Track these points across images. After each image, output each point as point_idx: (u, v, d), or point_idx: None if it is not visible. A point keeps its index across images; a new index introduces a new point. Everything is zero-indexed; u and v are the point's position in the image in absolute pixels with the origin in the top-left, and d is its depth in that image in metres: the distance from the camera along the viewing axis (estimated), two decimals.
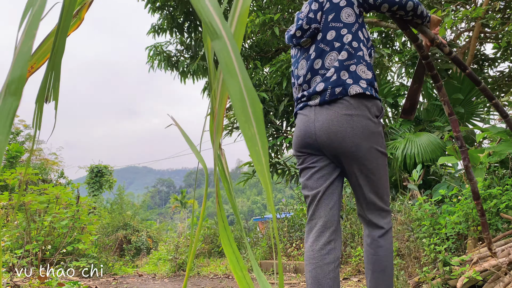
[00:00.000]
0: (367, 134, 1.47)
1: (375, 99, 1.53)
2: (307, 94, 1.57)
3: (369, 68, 1.54)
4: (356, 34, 1.54)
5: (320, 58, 1.56)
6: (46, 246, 4.59)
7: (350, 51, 1.51)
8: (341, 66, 1.50)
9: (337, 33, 1.53)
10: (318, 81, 1.55)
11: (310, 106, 1.55)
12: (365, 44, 1.57)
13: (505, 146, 3.60)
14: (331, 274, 1.48)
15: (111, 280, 4.73)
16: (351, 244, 4.65)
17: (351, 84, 1.48)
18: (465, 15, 4.78)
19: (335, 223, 1.57)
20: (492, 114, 6.88)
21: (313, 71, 1.57)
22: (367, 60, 1.55)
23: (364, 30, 1.60)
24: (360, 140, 1.46)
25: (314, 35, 1.59)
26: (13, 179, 5.84)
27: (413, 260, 3.49)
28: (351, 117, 1.46)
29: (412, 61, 5.58)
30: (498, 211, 3.17)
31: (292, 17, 6.59)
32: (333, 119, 1.47)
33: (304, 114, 1.57)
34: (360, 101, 1.48)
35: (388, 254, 1.55)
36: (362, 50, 1.53)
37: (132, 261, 8.94)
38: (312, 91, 1.54)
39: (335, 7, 1.55)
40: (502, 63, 7.06)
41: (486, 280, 2.61)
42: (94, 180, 14.98)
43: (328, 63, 1.54)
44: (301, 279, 4.23)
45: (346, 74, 1.50)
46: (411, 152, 5.03)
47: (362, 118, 1.47)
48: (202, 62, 8.54)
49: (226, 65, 0.37)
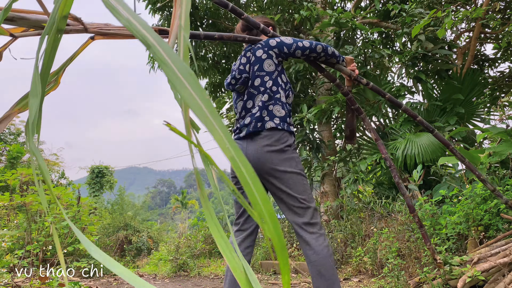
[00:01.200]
0: (280, 160, 1.88)
1: (286, 131, 1.94)
2: (239, 126, 2.00)
3: (283, 107, 1.96)
4: (275, 80, 1.96)
5: (251, 99, 1.98)
6: (47, 247, 4.59)
7: (270, 94, 1.94)
8: (263, 106, 1.93)
9: (261, 80, 1.95)
10: (247, 116, 1.98)
11: (241, 137, 1.97)
12: (283, 87, 1.99)
13: (505, 147, 3.60)
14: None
15: (111, 281, 4.73)
16: (351, 244, 4.65)
17: (268, 121, 1.91)
18: (465, 15, 4.78)
19: (255, 234, 2.03)
20: (492, 115, 6.88)
21: (246, 109, 2.00)
22: (283, 101, 1.97)
23: (283, 75, 2.01)
24: (275, 165, 1.87)
25: (246, 82, 2.00)
26: (14, 180, 5.85)
27: (413, 260, 3.49)
28: (269, 147, 1.88)
29: (413, 61, 5.58)
30: (498, 211, 3.17)
31: (293, 18, 6.59)
32: (258, 149, 1.89)
33: (239, 143, 1.98)
34: (274, 133, 1.90)
35: (320, 259, 1.79)
36: (279, 93, 1.96)
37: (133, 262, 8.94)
38: (242, 123, 1.98)
39: (258, 60, 1.96)
40: (502, 64, 7.05)
41: (486, 280, 2.61)
42: (95, 181, 14.98)
43: (256, 103, 1.96)
44: (302, 279, 4.23)
45: (266, 112, 1.92)
46: (411, 152, 5.03)
47: (277, 148, 1.88)
48: (203, 63, 8.55)
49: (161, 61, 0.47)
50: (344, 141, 6.67)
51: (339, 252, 4.69)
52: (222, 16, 8.58)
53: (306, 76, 6.45)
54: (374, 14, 6.88)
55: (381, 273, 3.63)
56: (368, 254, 4.01)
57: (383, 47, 6.60)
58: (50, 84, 0.83)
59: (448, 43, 5.74)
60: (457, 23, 4.88)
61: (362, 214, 5.02)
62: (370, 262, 3.99)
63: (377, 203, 4.91)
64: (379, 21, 6.66)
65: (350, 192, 5.27)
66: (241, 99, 2.04)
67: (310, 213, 1.88)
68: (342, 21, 5.61)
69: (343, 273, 4.36)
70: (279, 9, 7.42)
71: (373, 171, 6.05)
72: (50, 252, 4.63)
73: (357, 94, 5.97)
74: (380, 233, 4.01)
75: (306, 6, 6.18)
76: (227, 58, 8.53)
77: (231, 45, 8.49)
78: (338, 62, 2.03)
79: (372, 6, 7.10)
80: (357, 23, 5.73)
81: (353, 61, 2.08)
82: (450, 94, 5.65)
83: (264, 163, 1.87)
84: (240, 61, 2.02)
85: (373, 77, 5.93)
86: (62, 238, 4.86)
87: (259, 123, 1.91)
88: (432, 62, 5.73)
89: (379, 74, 6.29)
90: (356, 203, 5.49)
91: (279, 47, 1.95)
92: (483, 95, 6.13)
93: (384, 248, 3.68)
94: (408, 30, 5.43)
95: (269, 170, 1.87)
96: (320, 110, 5.56)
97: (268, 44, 1.96)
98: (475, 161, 3.70)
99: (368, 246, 4.06)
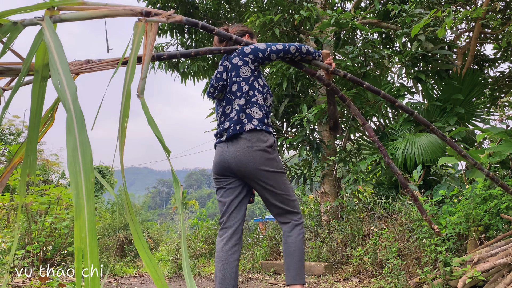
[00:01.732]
0: (263, 161, 1.99)
1: (265, 131, 2.04)
2: (219, 131, 2.11)
3: (260, 109, 2.06)
4: (252, 84, 2.06)
5: (229, 104, 2.09)
6: (47, 247, 4.59)
7: (247, 98, 2.04)
8: (240, 109, 2.03)
9: (238, 86, 2.06)
10: (226, 121, 2.08)
11: (222, 141, 2.08)
12: (260, 91, 2.09)
13: (505, 147, 3.60)
14: (234, 269, 2.01)
15: (112, 281, 4.74)
16: (351, 244, 4.65)
17: (246, 123, 2.01)
18: (465, 15, 4.78)
19: (240, 231, 2.11)
20: (492, 115, 6.88)
21: (225, 114, 2.11)
22: (260, 103, 2.07)
23: (260, 79, 2.12)
24: (258, 165, 1.98)
25: (223, 89, 2.13)
26: (14, 180, 5.85)
27: (413, 260, 3.49)
28: (251, 149, 1.98)
29: (413, 61, 5.58)
30: (498, 211, 3.17)
31: (293, 18, 6.60)
32: (239, 151, 1.99)
33: (220, 147, 2.10)
34: (253, 134, 2.00)
35: (295, 242, 2.04)
36: (256, 96, 2.06)
37: (133, 262, 8.95)
38: (222, 128, 2.07)
39: (235, 66, 2.08)
40: (502, 64, 7.05)
41: (486, 280, 2.61)
42: (96, 181, 14.99)
43: (233, 108, 2.06)
44: None
45: (244, 115, 2.02)
46: (411, 152, 5.03)
47: (258, 149, 1.99)
48: (203, 63, 8.55)
49: (69, 128, 0.58)
50: (343, 140, 6.67)
51: (339, 252, 4.70)
52: (222, 16, 8.58)
53: (306, 76, 6.45)
54: (374, 14, 6.88)
55: (381, 273, 3.63)
56: (368, 254, 4.01)
57: (383, 47, 6.60)
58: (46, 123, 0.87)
59: (448, 43, 5.74)
60: (457, 23, 4.88)
61: (362, 214, 5.03)
62: (370, 262, 3.99)
63: (377, 203, 4.91)
64: (379, 21, 6.66)
65: (350, 192, 5.27)
66: (221, 105, 2.15)
67: (292, 205, 2.10)
68: (342, 21, 5.61)
69: (343, 273, 4.36)
70: (279, 9, 7.42)
71: (373, 171, 6.05)
72: (50, 253, 4.64)
73: (356, 94, 5.97)
74: (380, 233, 4.01)
75: (306, 7, 6.18)
76: None
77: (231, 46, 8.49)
78: (314, 58, 2.10)
79: (372, 7, 7.10)
80: (357, 23, 5.73)
81: (329, 54, 2.14)
82: (450, 94, 5.65)
83: (247, 164, 1.98)
84: (218, 70, 2.17)
85: (373, 77, 5.93)
86: (63, 238, 4.86)
87: (238, 125, 2.00)
88: (432, 62, 5.73)
89: (379, 74, 6.29)
90: (356, 203, 5.49)
91: (253, 53, 2.06)
92: (483, 95, 6.13)
93: (384, 248, 3.68)
94: (408, 30, 5.43)
95: (253, 170, 1.99)
96: (320, 110, 5.56)
97: (243, 51, 2.08)
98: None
99: (368, 246, 4.06)
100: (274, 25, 6.45)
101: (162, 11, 0.85)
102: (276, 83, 6.34)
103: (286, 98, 6.34)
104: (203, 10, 8.34)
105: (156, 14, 0.83)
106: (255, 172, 1.99)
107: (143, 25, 0.77)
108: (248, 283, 4.38)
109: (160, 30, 8.43)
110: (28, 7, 0.65)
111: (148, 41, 0.78)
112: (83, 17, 0.69)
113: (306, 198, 6.73)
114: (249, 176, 2.01)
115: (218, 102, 2.20)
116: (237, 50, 2.07)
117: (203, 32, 8.61)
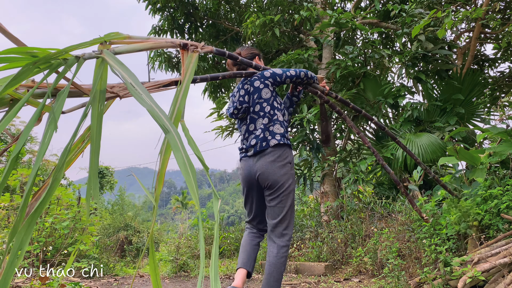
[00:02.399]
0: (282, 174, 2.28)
1: (287, 146, 2.36)
2: (245, 147, 2.39)
3: (281, 125, 2.37)
4: (272, 104, 2.37)
5: (253, 123, 2.38)
6: (47, 247, 4.59)
7: (269, 117, 2.35)
8: (265, 128, 2.33)
9: (260, 106, 2.36)
10: (251, 138, 2.37)
11: (248, 156, 2.38)
12: (279, 108, 2.41)
13: (505, 147, 3.60)
14: (255, 246, 2.44)
15: (112, 281, 4.74)
16: (351, 244, 4.65)
17: (271, 139, 2.31)
18: (465, 15, 4.78)
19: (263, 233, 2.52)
20: (492, 115, 6.88)
21: (249, 132, 2.40)
22: (280, 120, 2.38)
23: (278, 98, 2.44)
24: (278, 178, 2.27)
25: (246, 111, 2.41)
26: (14, 180, 5.85)
27: (414, 260, 3.49)
28: (274, 162, 2.28)
29: (413, 61, 5.58)
30: (499, 211, 3.17)
31: (293, 18, 6.59)
32: (264, 164, 2.29)
33: (246, 161, 2.40)
34: (278, 149, 2.30)
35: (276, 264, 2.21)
36: (276, 114, 2.37)
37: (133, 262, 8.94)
38: (248, 144, 2.37)
39: (257, 89, 2.36)
40: (503, 64, 7.06)
41: (487, 280, 2.61)
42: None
43: (257, 126, 2.36)
44: (302, 279, 4.23)
45: (268, 133, 2.33)
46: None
47: (280, 164, 2.29)
48: (203, 63, 8.55)
49: (175, 147, 0.67)
50: (344, 140, 6.66)
51: (340, 252, 4.69)
52: (222, 16, 8.58)
53: None
54: (374, 14, 6.88)
55: (382, 273, 3.63)
56: (369, 254, 4.01)
57: (383, 47, 6.60)
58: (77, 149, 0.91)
59: (448, 43, 5.74)
60: (457, 23, 4.88)
61: (362, 214, 5.02)
62: (371, 262, 3.99)
63: (377, 203, 4.91)
64: (379, 22, 6.66)
65: (350, 192, 5.27)
66: (244, 123, 2.44)
67: (285, 225, 2.30)
68: (342, 21, 5.61)
69: (344, 273, 4.36)
70: (279, 10, 7.42)
71: (373, 171, 6.05)
72: (51, 253, 4.63)
73: (357, 94, 5.97)
74: (380, 233, 4.01)
75: (306, 7, 6.18)
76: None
77: (231, 46, 8.50)
78: (314, 82, 2.49)
79: (372, 7, 7.10)
80: (357, 23, 5.73)
81: (323, 79, 2.58)
82: (450, 94, 5.64)
83: (268, 175, 2.28)
84: (239, 93, 2.41)
85: (373, 77, 5.93)
86: (63, 239, 4.86)
87: (264, 142, 2.31)
88: (432, 62, 5.73)
89: (379, 74, 6.29)
90: (356, 203, 5.48)
91: (273, 77, 2.37)
92: (483, 95, 6.13)
93: (384, 248, 3.68)
94: (408, 30, 5.43)
95: (272, 182, 2.28)
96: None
97: (263, 75, 2.37)
98: (475, 161, 3.70)
99: (369, 246, 4.06)
100: (274, 25, 6.45)
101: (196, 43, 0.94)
102: None
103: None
104: (203, 10, 8.34)
105: (191, 45, 0.93)
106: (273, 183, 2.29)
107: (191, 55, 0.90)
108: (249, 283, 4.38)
109: (161, 30, 8.43)
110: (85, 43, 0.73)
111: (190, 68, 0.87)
112: (133, 50, 0.78)
113: (306, 198, 6.72)
114: (266, 185, 2.32)
115: (241, 120, 2.49)
116: (258, 74, 2.37)
117: (203, 32, 8.61)
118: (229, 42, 8.53)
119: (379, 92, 5.74)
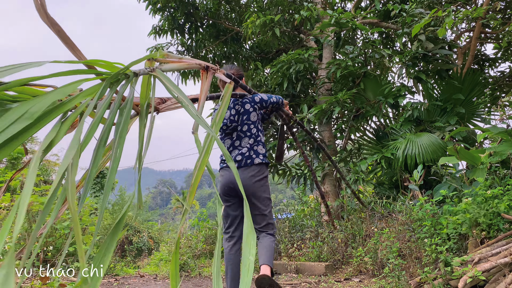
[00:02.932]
0: (260, 187, 2.66)
1: (266, 164, 2.74)
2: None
3: (263, 146, 2.77)
4: (257, 127, 2.76)
5: (239, 140, 2.73)
6: (48, 247, 4.60)
7: (254, 138, 2.72)
8: (250, 147, 2.70)
9: (248, 127, 2.72)
10: (236, 153, 2.70)
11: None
12: (262, 131, 2.81)
13: (506, 147, 3.60)
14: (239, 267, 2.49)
15: (112, 281, 4.74)
16: (352, 244, 4.65)
17: (255, 158, 2.69)
18: (465, 15, 4.78)
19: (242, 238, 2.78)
20: (493, 115, 6.88)
21: (233, 146, 2.74)
22: (262, 141, 2.78)
23: (261, 121, 2.83)
24: (256, 191, 2.65)
25: (235, 128, 2.74)
26: (15, 181, 5.86)
27: (414, 260, 3.49)
28: (254, 177, 2.65)
29: (413, 61, 5.58)
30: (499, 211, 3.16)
31: (293, 18, 6.59)
32: (244, 177, 2.65)
33: (228, 171, 2.73)
34: (260, 166, 2.69)
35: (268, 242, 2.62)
36: (260, 136, 2.76)
37: (134, 262, 8.95)
38: (233, 159, 2.63)
39: (247, 111, 2.73)
40: (503, 63, 7.06)
41: (487, 280, 2.60)
42: (96, 181, 14.99)
43: (243, 144, 2.71)
44: (303, 279, 4.23)
45: (252, 152, 2.69)
46: (412, 152, 5.03)
47: (258, 178, 2.67)
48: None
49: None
50: (344, 140, 6.66)
51: (340, 252, 4.69)
52: (222, 16, 8.58)
53: (306, 77, 6.45)
54: (374, 14, 6.87)
55: (382, 273, 3.63)
56: (369, 254, 4.00)
57: (383, 47, 6.59)
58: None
59: (448, 43, 5.73)
60: (457, 23, 4.88)
61: (362, 214, 5.02)
62: (371, 262, 3.99)
63: (378, 203, 4.91)
64: (379, 21, 6.65)
65: (349, 193, 5.27)
66: (229, 138, 2.77)
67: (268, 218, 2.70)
68: (343, 21, 5.61)
69: (344, 273, 4.36)
70: (279, 9, 7.42)
71: (373, 171, 6.04)
72: (51, 253, 4.64)
73: (357, 94, 5.97)
74: (380, 233, 4.01)
75: (306, 7, 6.17)
76: (227, 58, 8.53)
77: (231, 46, 8.49)
78: (282, 106, 2.92)
79: (372, 6, 7.10)
80: (357, 23, 5.73)
81: (287, 104, 3.04)
82: (450, 94, 5.64)
83: (248, 187, 2.64)
84: (230, 112, 2.74)
85: (373, 77, 5.93)
86: (63, 239, 4.86)
87: (249, 160, 2.67)
88: (433, 62, 5.73)
89: (379, 74, 6.29)
90: (356, 203, 5.48)
91: (260, 102, 2.76)
92: (484, 95, 6.13)
93: (384, 248, 3.68)
94: (408, 30, 5.42)
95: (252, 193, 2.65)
96: (321, 110, 5.56)
97: (254, 100, 2.74)
98: (475, 161, 3.70)
99: (369, 246, 4.06)
100: (275, 25, 6.44)
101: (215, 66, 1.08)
102: (276, 83, 6.34)
103: (286, 98, 6.33)
104: (203, 10, 8.34)
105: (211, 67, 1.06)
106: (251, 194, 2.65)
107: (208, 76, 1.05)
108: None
109: (161, 30, 8.43)
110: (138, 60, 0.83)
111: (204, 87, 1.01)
112: (172, 69, 0.92)
113: (307, 198, 6.72)
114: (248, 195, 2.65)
115: (225, 135, 2.79)
116: (249, 97, 2.74)
117: (204, 32, 8.61)
118: (229, 42, 8.53)
119: (380, 92, 5.74)
